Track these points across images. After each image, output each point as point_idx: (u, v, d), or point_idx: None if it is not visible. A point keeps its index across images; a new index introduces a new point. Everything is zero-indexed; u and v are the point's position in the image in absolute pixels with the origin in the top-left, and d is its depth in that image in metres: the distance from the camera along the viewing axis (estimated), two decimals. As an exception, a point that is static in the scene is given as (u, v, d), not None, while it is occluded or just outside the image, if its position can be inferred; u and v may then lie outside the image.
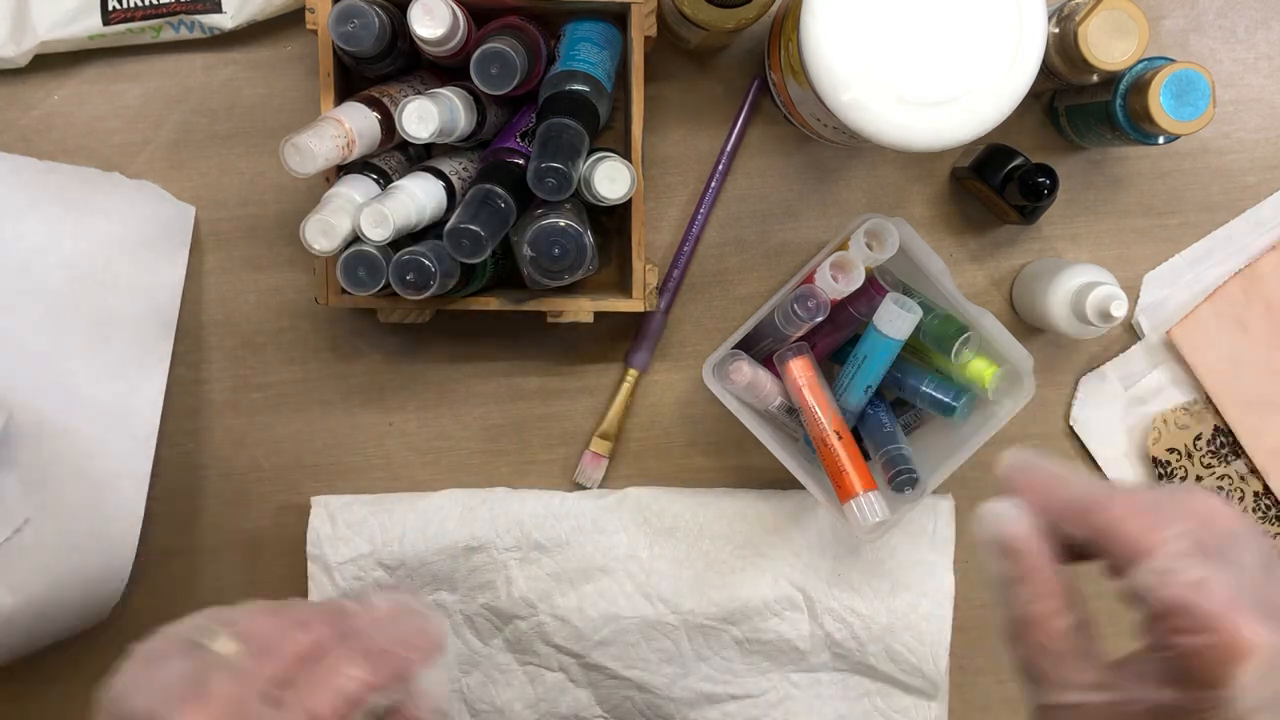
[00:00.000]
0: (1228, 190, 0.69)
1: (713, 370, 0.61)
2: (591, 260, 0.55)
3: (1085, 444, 0.69)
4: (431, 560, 0.66)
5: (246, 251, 0.66)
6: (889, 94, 0.51)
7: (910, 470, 0.60)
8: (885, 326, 0.59)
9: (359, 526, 0.66)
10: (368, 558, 0.66)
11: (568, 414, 0.69)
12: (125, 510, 0.62)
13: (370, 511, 0.66)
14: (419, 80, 0.60)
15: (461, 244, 0.52)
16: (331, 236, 0.53)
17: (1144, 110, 0.58)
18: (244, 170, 0.66)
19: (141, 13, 0.62)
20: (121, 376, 0.62)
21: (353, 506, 0.66)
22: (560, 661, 0.67)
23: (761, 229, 0.68)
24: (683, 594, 0.67)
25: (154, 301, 0.64)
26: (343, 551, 0.66)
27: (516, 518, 0.66)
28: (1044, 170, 0.62)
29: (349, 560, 0.66)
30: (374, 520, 0.66)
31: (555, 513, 0.67)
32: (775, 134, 0.68)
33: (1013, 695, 0.71)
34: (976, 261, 0.69)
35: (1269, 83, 0.69)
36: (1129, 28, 0.57)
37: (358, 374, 0.68)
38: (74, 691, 0.67)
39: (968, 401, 0.62)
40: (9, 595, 0.57)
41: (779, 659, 0.68)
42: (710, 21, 0.56)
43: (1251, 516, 0.68)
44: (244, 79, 0.65)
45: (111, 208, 0.63)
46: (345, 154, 0.53)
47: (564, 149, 0.53)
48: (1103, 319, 0.61)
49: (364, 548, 0.66)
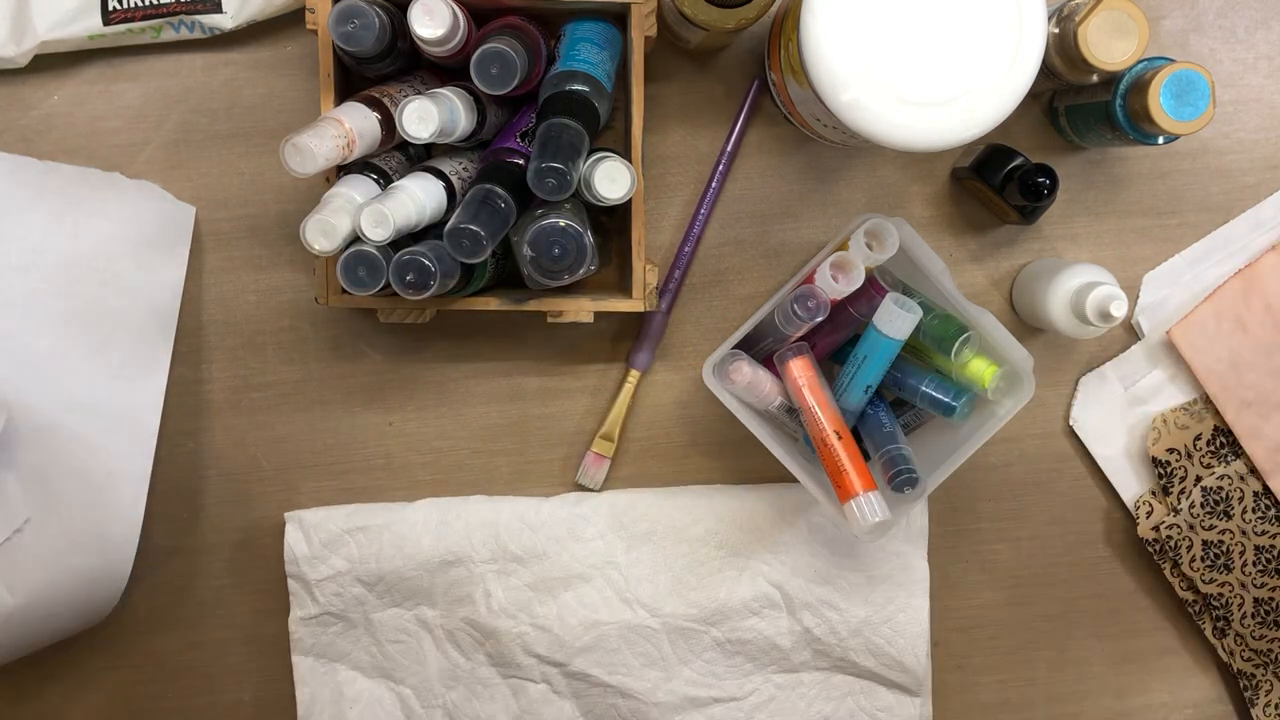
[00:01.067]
0: (1228, 190, 0.69)
1: (713, 370, 0.61)
2: (591, 260, 0.55)
3: (1085, 444, 0.69)
4: (410, 576, 0.66)
5: (246, 251, 0.66)
6: (889, 94, 0.51)
7: (910, 470, 0.60)
8: (885, 326, 0.59)
9: (335, 545, 0.66)
10: (346, 575, 0.66)
11: (568, 414, 0.69)
12: (125, 510, 0.62)
13: (345, 529, 0.66)
14: (419, 80, 0.60)
15: (461, 244, 0.52)
16: (331, 236, 0.53)
17: (1144, 110, 0.58)
18: (244, 170, 0.66)
19: (141, 13, 0.62)
20: (121, 376, 0.62)
21: (327, 523, 0.66)
22: (543, 672, 0.67)
23: (761, 229, 0.68)
24: (662, 597, 0.67)
25: (154, 301, 0.64)
26: (321, 570, 0.66)
27: (492, 530, 0.66)
28: (1044, 170, 0.62)
29: (328, 578, 0.66)
30: (350, 538, 0.66)
31: (530, 523, 0.67)
32: (775, 134, 0.68)
33: (1012, 696, 0.72)
34: (976, 261, 0.69)
35: (1269, 83, 0.69)
36: (1129, 28, 0.57)
37: (358, 374, 0.68)
38: (74, 691, 0.68)
39: (968, 401, 0.62)
40: (9, 595, 0.57)
41: (761, 660, 0.68)
42: (710, 21, 0.56)
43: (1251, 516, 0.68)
44: (244, 79, 0.65)
45: (112, 208, 0.63)
46: (345, 154, 0.53)
47: (564, 149, 0.53)
48: (1102, 319, 0.61)
49: (341, 565, 0.66)
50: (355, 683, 0.68)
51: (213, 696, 0.69)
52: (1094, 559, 0.71)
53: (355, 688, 0.68)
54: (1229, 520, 0.68)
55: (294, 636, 0.67)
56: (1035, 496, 0.71)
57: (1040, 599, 0.71)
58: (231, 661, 0.69)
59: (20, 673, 0.67)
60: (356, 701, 0.68)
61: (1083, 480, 0.71)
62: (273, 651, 0.69)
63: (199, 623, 0.68)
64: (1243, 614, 0.69)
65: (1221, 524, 0.68)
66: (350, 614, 0.67)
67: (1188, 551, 0.68)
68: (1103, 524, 0.71)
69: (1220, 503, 0.67)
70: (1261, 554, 0.68)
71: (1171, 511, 0.68)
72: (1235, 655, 0.70)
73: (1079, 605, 0.71)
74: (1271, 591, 0.68)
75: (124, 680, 0.68)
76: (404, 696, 0.68)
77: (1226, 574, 0.68)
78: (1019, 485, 0.70)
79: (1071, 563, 0.71)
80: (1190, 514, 0.67)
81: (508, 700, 0.68)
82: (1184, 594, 0.70)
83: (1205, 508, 0.67)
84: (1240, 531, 0.68)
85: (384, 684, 0.68)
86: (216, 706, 0.69)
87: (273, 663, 0.69)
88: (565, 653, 0.66)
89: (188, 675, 0.69)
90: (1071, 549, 0.71)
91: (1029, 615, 0.71)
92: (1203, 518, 0.67)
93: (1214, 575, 0.68)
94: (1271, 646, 0.69)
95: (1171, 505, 0.68)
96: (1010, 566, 0.71)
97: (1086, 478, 0.71)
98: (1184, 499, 0.68)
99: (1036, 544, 0.71)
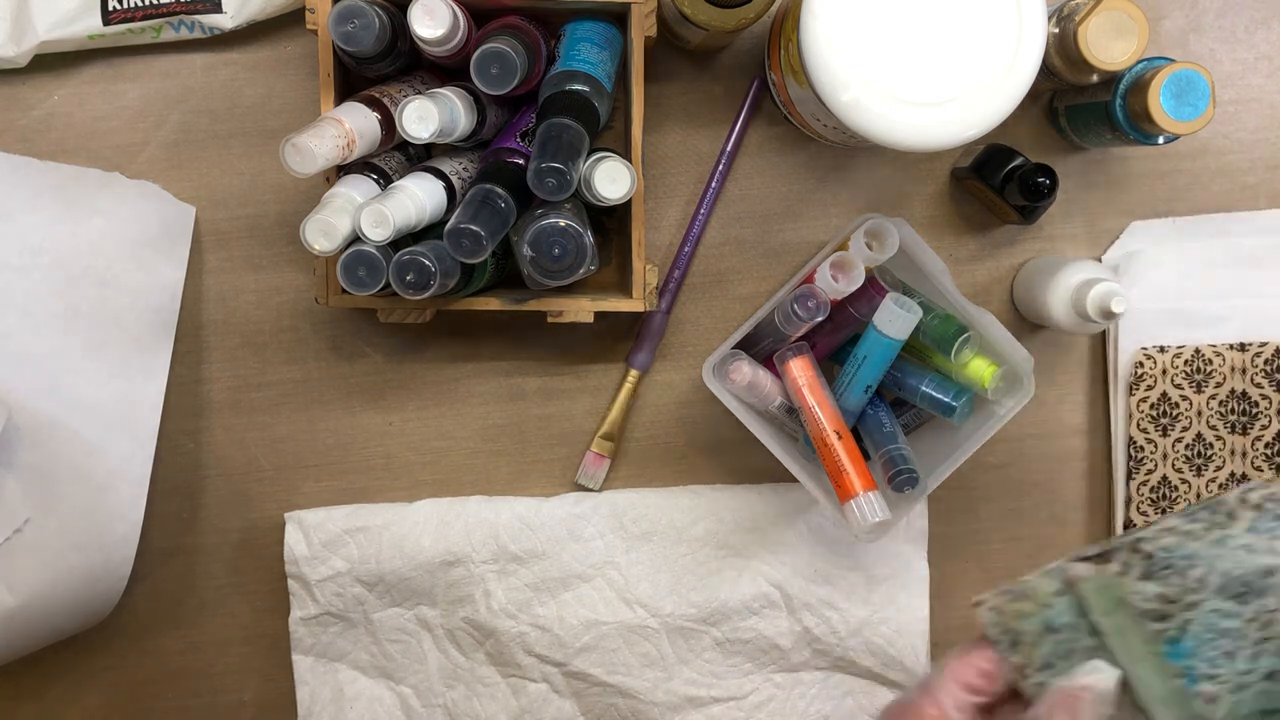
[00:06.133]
0: (1228, 190, 0.69)
1: (713, 370, 0.61)
2: (591, 260, 0.55)
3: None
4: (409, 576, 0.66)
5: (246, 251, 0.66)
6: (889, 94, 0.51)
7: (910, 470, 0.60)
8: (885, 326, 0.59)
9: (335, 545, 0.66)
10: (346, 575, 0.66)
11: (568, 414, 0.69)
12: (125, 510, 0.62)
13: (345, 529, 0.66)
14: (419, 80, 0.60)
15: (461, 244, 0.52)
16: (331, 236, 0.53)
17: (1144, 110, 0.58)
18: (244, 170, 0.66)
19: (141, 13, 0.62)
20: (121, 376, 0.62)
21: (326, 524, 0.66)
22: (543, 671, 0.67)
23: (761, 229, 0.68)
24: (662, 597, 0.67)
25: (154, 301, 0.64)
26: (320, 570, 0.66)
27: (492, 530, 0.66)
28: (1044, 170, 0.62)
29: (327, 579, 0.66)
30: (350, 539, 0.66)
31: (530, 523, 0.67)
32: (775, 134, 0.68)
33: (1013, 695, 0.71)
34: (976, 261, 0.69)
35: (1269, 83, 0.69)
36: (1129, 28, 0.57)
37: (358, 374, 0.68)
38: (74, 692, 0.67)
39: (968, 401, 0.62)
40: (9, 595, 0.57)
41: (760, 659, 0.68)
42: (710, 21, 0.56)
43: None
44: (244, 79, 0.65)
45: (112, 208, 0.63)
46: (345, 154, 0.53)
47: (564, 149, 0.53)
48: (1103, 315, 0.61)
49: (341, 566, 0.66)
50: (355, 682, 0.68)
51: (213, 696, 0.69)
52: (1094, 559, 0.71)
53: (355, 687, 0.68)
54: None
55: (294, 636, 0.67)
56: (1035, 496, 0.71)
57: (1040, 599, 0.71)
58: (231, 661, 0.69)
59: (20, 673, 0.67)
60: (356, 701, 0.68)
61: (1083, 480, 0.71)
62: (273, 651, 0.69)
63: (199, 623, 0.68)
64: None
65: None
66: (350, 614, 0.67)
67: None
68: (1103, 524, 0.71)
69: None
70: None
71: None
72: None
73: (1079, 605, 0.71)
74: None
75: (124, 680, 0.68)
76: (404, 696, 0.68)
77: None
78: (1019, 485, 0.70)
79: (1071, 563, 0.71)
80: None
81: (507, 699, 0.68)
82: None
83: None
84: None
85: (384, 683, 0.68)
86: (216, 706, 0.69)
87: (273, 662, 0.69)
88: (565, 652, 0.66)
89: (188, 675, 0.69)
90: (1071, 549, 0.71)
91: (1029, 615, 0.71)
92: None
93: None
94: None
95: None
96: (1010, 566, 0.71)
97: (1086, 477, 0.71)
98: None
99: (1036, 544, 0.71)
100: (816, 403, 0.60)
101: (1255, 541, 0.36)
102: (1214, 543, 0.37)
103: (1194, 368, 0.67)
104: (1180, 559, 0.37)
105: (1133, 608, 0.38)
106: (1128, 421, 0.68)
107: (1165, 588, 0.37)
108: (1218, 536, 0.37)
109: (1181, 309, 0.68)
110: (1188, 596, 0.37)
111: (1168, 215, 0.69)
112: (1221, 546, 0.37)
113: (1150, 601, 0.38)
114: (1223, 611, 0.37)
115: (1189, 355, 0.67)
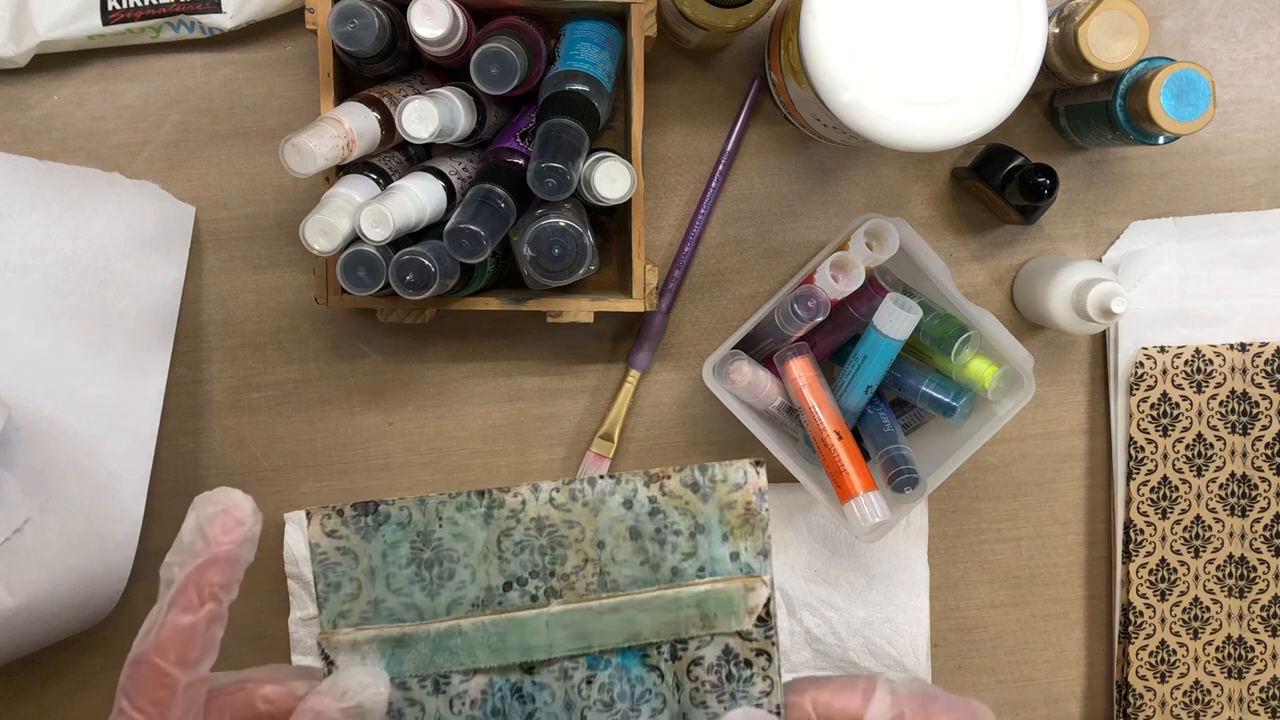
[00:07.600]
0: (1228, 190, 0.69)
1: (713, 370, 0.61)
2: (591, 260, 0.55)
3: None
4: None
5: (246, 251, 0.66)
6: (889, 94, 0.51)
7: (910, 470, 0.60)
8: (885, 326, 0.59)
9: None
10: None
11: (568, 414, 0.69)
12: (125, 510, 0.62)
13: None
14: (419, 80, 0.60)
15: (461, 244, 0.52)
16: (331, 236, 0.53)
17: (1144, 110, 0.58)
18: (244, 170, 0.66)
19: (141, 13, 0.62)
20: (121, 376, 0.62)
21: None
22: None
23: (761, 229, 0.68)
24: None
25: (154, 301, 0.64)
26: None
27: None
28: (1044, 170, 0.62)
29: None
30: None
31: None
32: (775, 134, 0.68)
33: (1012, 696, 0.71)
34: (977, 261, 0.69)
35: (1269, 83, 0.69)
36: (1129, 28, 0.57)
37: (358, 374, 0.68)
38: (74, 692, 0.67)
39: (968, 401, 0.62)
40: (9, 595, 0.57)
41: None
42: (710, 21, 0.56)
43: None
44: (244, 79, 0.65)
45: (111, 208, 0.63)
46: (345, 154, 0.53)
47: (564, 149, 0.53)
48: (1103, 315, 0.61)
49: None
50: (355, 683, 0.68)
51: (213, 696, 0.69)
52: (1094, 559, 0.71)
53: (355, 688, 0.68)
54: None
55: (294, 637, 0.67)
56: (1035, 496, 0.71)
57: (1040, 599, 0.71)
58: (231, 662, 0.69)
59: (20, 673, 0.67)
60: (356, 701, 0.68)
61: (1083, 480, 0.71)
62: (273, 651, 0.69)
63: (199, 623, 0.68)
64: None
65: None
66: (350, 614, 0.67)
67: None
68: (1103, 524, 0.71)
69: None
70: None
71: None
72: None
73: (1079, 605, 0.71)
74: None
75: (124, 680, 0.68)
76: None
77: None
78: (1019, 485, 0.70)
79: (1071, 563, 0.71)
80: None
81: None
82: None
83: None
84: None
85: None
86: (216, 706, 0.69)
87: (272, 663, 0.69)
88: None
89: (188, 675, 0.68)
90: (1071, 549, 0.71)
91: (1029, 615, 0.71)
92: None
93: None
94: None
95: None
96: (1010, 566, 0.71)
97: (1086, 477, 0.71)
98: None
99: (1036, 544, 0.71)
100: (816, 403, 0.60)
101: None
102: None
103: (1194, 368, 0.67)
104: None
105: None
106: (1128, 421, 0.68)
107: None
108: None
109: (1182, 309, 0.68)
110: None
111: (1168, 215, 0.69)
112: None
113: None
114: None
115: (1189, 355, 0.67)
